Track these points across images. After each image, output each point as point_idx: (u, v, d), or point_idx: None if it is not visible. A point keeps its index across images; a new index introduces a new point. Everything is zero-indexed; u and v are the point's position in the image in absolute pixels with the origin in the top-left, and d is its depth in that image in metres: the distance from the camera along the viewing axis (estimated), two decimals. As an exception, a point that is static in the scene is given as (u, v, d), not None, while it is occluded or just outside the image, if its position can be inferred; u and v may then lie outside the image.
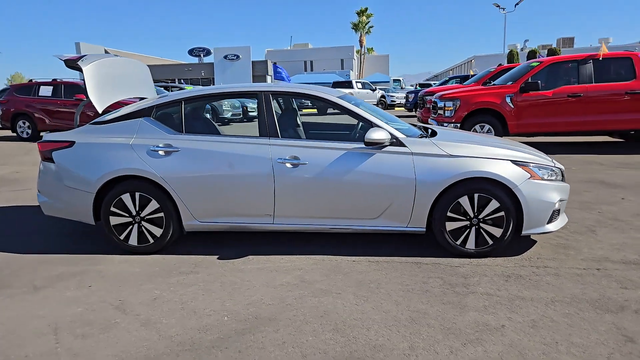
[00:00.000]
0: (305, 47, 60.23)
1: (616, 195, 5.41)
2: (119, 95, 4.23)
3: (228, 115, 17.61)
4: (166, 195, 3.71)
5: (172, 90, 17.59)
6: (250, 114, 17.74)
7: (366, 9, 50.76)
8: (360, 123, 3.85)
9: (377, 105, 25.30)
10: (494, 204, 3.49)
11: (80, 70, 3.96)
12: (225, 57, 61.43)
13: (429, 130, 4.22)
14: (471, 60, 48.92)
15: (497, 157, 3.53)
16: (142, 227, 3.78)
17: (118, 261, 3.70)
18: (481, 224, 3.55)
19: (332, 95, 3.86)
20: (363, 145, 3.58)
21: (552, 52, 29.95)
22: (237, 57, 59.94)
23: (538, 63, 8.62)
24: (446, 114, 8.87)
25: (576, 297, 2.92)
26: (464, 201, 3.51)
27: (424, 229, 3.63)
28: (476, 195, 3.50)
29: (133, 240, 3.81)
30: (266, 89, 3.84)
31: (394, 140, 3.57)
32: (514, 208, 3.50)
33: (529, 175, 3.50)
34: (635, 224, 4.35)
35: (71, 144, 3.81)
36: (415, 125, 4.41)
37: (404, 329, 2.59)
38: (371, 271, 3.40)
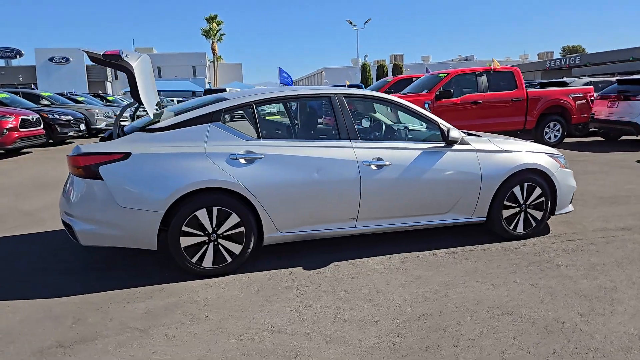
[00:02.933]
0: (150, 52, 56.41)
1: (550, 181, 6.65)
2: (154, 96, 3.65)
3: (102, 125, 15.76)
4: (248, 207, 3.39)
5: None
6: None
7: (216, 16, 49.89)
8: (426, 124, 4.09)
9: (250, 113, 25.23)
10: (537, 191, 4.09)
11: (120, 68, 3.34)
12: (51, 59, 53.70)
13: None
14: (321, 72, 52.14)
15: (537, 151, 4.16)
16: (219, 246, 3.37)
17: (201, 287, 3.24)
18: (528, 209, 4.12)
19: (399, 99, 4.01)
20: (437, 145, 3.84)
21: (396, 66, 34.18)
22: (67, 59, 52.97)
23: (445, 74, 9.92)
24: (374, 119, 9.54)
25: (628, 258, 3.65)
26: (517, 190, 4.04)
27: (485, 219, 4.04)
28: (525, 185, 4.05)
29: (208, 262, 3.37)
30: (339, 91, 3.79)
31: (460, 139, 3.91)
32: (550, 193, 4.16)
33: (559, 165, 4.20)
34: (592, 201, 5.47)
35: (126, 155, 3.20)
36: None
37: (554, 301, 2.93)
38: (462, 261, 3.66)
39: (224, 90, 27.18)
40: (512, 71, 10.08)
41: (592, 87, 10.72)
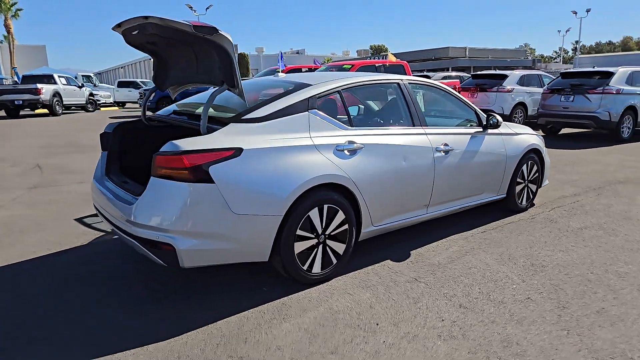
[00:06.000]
0: None
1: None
2: None
3: None
4: (350, 202, 3.12)
5: None
6: None
7: (9, -13, 41.13)
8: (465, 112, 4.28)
9: (87, 105, 21.89)
10: (535, 168, 4.74)
11: (211, 45, 2.67)
12: None
13: None
14: (151, 59, 47.41)
15: (532, 133, 4.79)
16: (327, 247, 3.03)
17: (322, 296, 2.88)
18: (529, 185, 4.74)
19: (447, 87, 4.12)
20: (478, 129, 4.12)
21: (242, 56, 33.86)
22: None
23: (350, 66, 10.35)
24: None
25: (611, 217, 4.53)
26: (524, 168, 4.60)
27: (505, 195, 4.51)
28: (529, 162, 4.65)
29: (317, 267, 3.00)
30: (404, 78, 3.72)
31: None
32: (541, 168, 4.86)
33: (543, 144, 4.93)
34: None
35: (237, 151, 2.60)
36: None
37: (621, 257, 3.50)
38: (509, 235, 4.03)
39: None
40: (403, 65, 11.10)
41: (458, 80, 12.53)
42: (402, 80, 3.72)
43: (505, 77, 12.20)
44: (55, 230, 4.13)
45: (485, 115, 4.20)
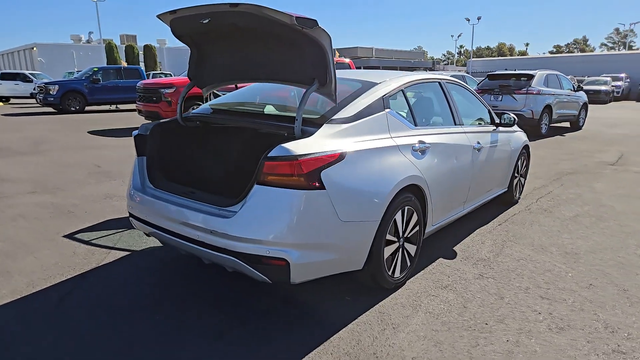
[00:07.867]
0: None
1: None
2: None
3: None
4: (420, 203, 3.07)
5: None
6: None
7: None
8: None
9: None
10: (525, 162, 5.11)
11: (306, 39, 2.42)
12: None
13: None
14: (32, 48, 42.26)
15: (522, 130, 5.15)
16: (405, 250, 2.96)
17: (409, 304, 2.80)
18: (520, 178, 5.10)
19: (468, 86, 4.22)
20: (493, 127, 4.31)
21: (148, 48, 31.48)
22: None
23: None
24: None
25: (588, 205, 5.06)
26: (519, 163, 4.94)
27: (507, 189, 4.79)
28: (522, 158, 5.00)
29: (397, 271, 2.92)
30: (443, 77, 3.74)
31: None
32: (527, 163, 5.25)
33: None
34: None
35: (341, 156, 2.40)
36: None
37: (623, 239, 3.92)
38: (526, 226, 4.29)
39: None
40: (349, 64, 11.26)
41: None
42: (442, 78, 3.75)
43: (435, 77, 12.96)
44: (48, 251, 3.48)
45: (496, 115, 4.42)
